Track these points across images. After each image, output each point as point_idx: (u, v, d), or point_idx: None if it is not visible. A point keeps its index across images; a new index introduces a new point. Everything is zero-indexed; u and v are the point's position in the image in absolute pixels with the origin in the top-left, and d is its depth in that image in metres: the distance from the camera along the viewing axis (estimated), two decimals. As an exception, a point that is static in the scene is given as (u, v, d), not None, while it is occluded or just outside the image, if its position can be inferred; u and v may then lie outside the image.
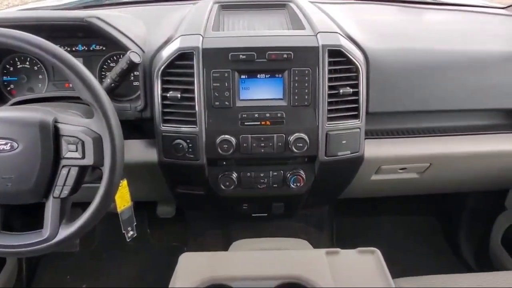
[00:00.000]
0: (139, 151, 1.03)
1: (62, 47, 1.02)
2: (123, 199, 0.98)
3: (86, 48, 1.07)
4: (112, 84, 0.94)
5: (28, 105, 0.91)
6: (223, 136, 0.95)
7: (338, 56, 0.95)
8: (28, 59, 1.08)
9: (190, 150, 0.97)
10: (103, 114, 0.76)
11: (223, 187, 1.03)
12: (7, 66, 1.07)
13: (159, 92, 0.95)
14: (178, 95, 0.93)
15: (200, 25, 1.02)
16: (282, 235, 1.32)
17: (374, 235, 1.67)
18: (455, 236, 1.65)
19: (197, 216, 1.60)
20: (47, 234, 0.80)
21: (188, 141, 0.96)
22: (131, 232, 1.02)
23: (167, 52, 0.95)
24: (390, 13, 1.34)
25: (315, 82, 0.94)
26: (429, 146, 1.08)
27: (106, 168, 0.77)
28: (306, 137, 0.96)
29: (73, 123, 0.79)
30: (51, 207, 0.80)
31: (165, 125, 0.96)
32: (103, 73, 1.08)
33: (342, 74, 0.97)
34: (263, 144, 0.97)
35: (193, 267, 0.76)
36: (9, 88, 1.08)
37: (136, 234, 1.03)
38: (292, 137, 0.96)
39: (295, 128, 0.96)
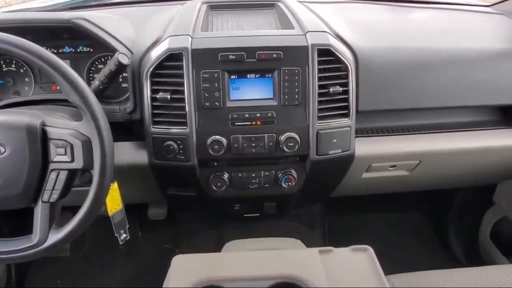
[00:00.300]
0: (129, 153, 1.02)
1: (49, 49, 1.02)
2: (114, 202, 0.97)
3: (73, 50, 1.06)
4: (101, 86, 0.93)
5: (15, 109, 0.89)
6: (214, 137, 0.95)
7: (328, 55, 0.96)
8: (14, 62, 1.06)
9: (181, 152, 0.96)
10: (92, 117, 0.76)
11: (215, 188, 1.03)
12: (-8, 69, 1.06)
13: (149, 94, 0.94)
14: (168, 96, 0.93)
15: (189, 26, 1.01)
16: (275, 235, 1.33)
17: (366, 233, 1.68)
18: (445, 232, 1.67)
19: (189, 218, 1.60)
20: (37, 240, 0.79)
21: (179, 143, 0.95)
22: (124, 235, 1.01)
23: (156, 53, 0.94)
24: (378, 12, 1.35)
25: (305, 82, 0.94)
26: (418, 144, 1.09)
27: (96, 171, 0.77)
28: (297, 137, 0.96)
29: (61, 126, 0.78)
30: (40, 212, 0.78)
31: (155, 127, 0.96)
32: (91, 75, 1.07)
33: (332, 73, 0.97)
34: (254, 144, 0.97)
35: (186, 269, 0.76)
36: (-5, 92, 1.06)
37: (129, 237, 1.02)
38: (283, 137, 0.96)
39: (286, 128, 0.96)
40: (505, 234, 1.49)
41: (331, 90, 0.95)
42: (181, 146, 0.96)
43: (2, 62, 1.05)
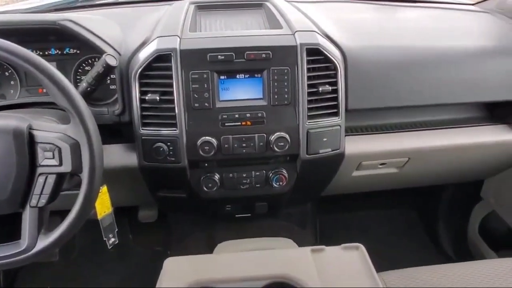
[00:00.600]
0: (119, 156, 1.01)
1: (34, 52, 1.00)
2: (104, 206, 0.96)
3: (60, 52, 1.04)
4: (88, 88, 0.91)
5: (1, 113, 0.88)
6: (204, 138, 0.94)
7: (316, 55, 0.96)
8: (-1, 65, 1.04)
9: (171, 153, 0.95)
10: (80, 119, 0.75)
11: (206, 189, 1.03)
12: (-24, 73, 1.04)
13: (137, 95, 0.93)
14: (157, 98, 0.92)
15: (177, 26, 1.00)
16: (267, 235, 1.33)
17: (357, 231, 1.70)
18: (435, 228, 1.70)
19: (180, 219, 1.59)
20: (25, 245, 0.77)
21: (169, 144, 0.95)
22: (113, 239, 1.00)
23: (144, 54, 0.93)
24: (365, 11, 1.36)
25: (294, 81, 0.95)
26: (407, 141, 1.10)
27: (85, 175, 0.76)
28: (287, 136, 0.96)
29: (49, 130, 0.76)
30: (28, 217, 0.77)
31: (145, 129, 0.95)
32: (78, 77, 1.05)
33: (321, 73, 0.97)
34: (245, 145, 0.96)
35: (178, 272, 0.75)
36: (-21, 95, 1.04)
37: (118, 241, 1.01)
38: (273, 137, 0.96)
39: (276, 128, 0.96)
40: (493, 229, 1.52)
41: (321, 89, 0.96)
42: (171, 148, 0.95)
43: (-14, 65, 1.04)
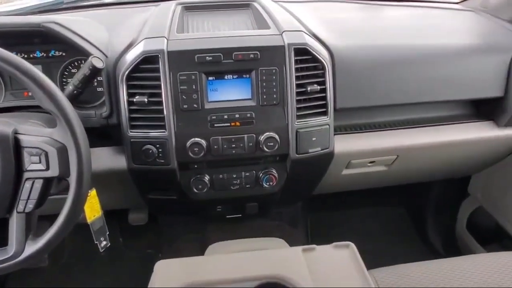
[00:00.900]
0: (107, 159, 1.00)
1: (19, 55, 0.99)
2: (93, 209, 0.95)
3: (45, 55, 1.03)
4: (75, 91, 0.90)
5: (-15, 117, 0.86)
6: (193, 139, 0.94)
7: (304, 54, 0.96)
8: (-18, 68, 1.02)
9: (160, 155, 0.95)
10: (67, 123, 0.74)
11: (196, 191, 1.02)
12: (-41, 77, 1.02)
13: (125, 97, 0.93)
14: (145, 100, 0.91)
15: (164, 27, 1.00)
16: (258, 235, 1.33)
17: (348, 229, 1.71)
18: (424, 224, 1.71)
19: (171, 221, 1.58)
20: (13, 251, 0.76)
21: (158, 146, 0.94)
22: (104, 242, 0.99)
23: (131, 56, 0.93)
24: (351, 11, 1.37)
25: (283, 81, 0.95)
26: (395, 139, 1.12)
27: (73, 179, 0.75)
28: (277, 136, 0.96)
29: (35, 134, 0.75)
30: (16, 223, 0.76)
31: (133, 131, 0.94)
32: (65, 80, 1.04)
33: (309, 72, 0.98)
34: (234, 145, 0.96)
35: (170, 274, 0.75)
36: (-37, 100, 1.02)
37: (110, 244, 1.00)
38: (263, 137, 0.96)
39: (265, 128, 0.96)
40: (481, 224, 1.54)
41: (309, 89, 0.96)
42: (160, 150, 0.94)
43: (-30, 69, 1.02)
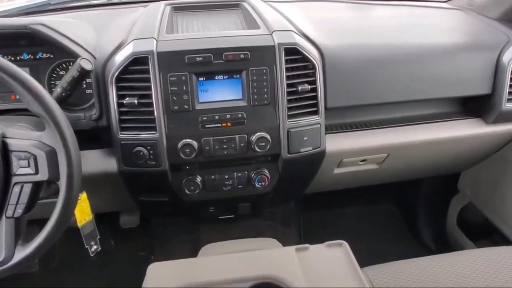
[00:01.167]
0: (98, 162, 0.99)
1: (6, 57, 0.98)
2: (84, 213, 0.94)
3: (32, 57, 1.01)
4: (63, 94, 0.89)
5: (-29, 121, 0.85)
6: (185, 140, 0.93)
7: (294, 54, 0.96)
8: (-33, 71, 1.00)
9: (151, 157, 0.94)
10: (56, 126, 0.73)
11: (188, 192, 1.02)
12: None
13: (115, 99, 0.92)
14: (135, 101, 0.91)
15: (153, 28, 0.99)
16: (251, 235, 1.33)
17: (340, 227, 1.72)
18: (415, 221, 1.73)
19: (163, 223, 1.57)
20: (2, 257, 0.75)
21: (149, 148, 0.94)
22: (95, 247, 0.98)
23: (120, 58, 0.92)
24: (340, 10, 1.37)
25: (274, 81, 0.95)
26: (386, 137, 1.12)
27: (63, 183, 0.74)
28: (268, 136, 0.96)
29: (23, 137, 0.74)
30: (4, 228, 0.75)
31: (124, 133, 0.93)
32: (53, 82, 1.03)
33: (300, 72, 0.98)
34: (226, 146, 0.96)
35: (163, 277, 0.74)
36: None
37: (100, 248, 0.99)
38: (254, 137, 0.96)
39: (257, 128, 0.96)
40: (471, 220, 1.56)
41: (300, 89, 0.96)
42: (151, 152, 0.94)
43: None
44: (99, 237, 0.99)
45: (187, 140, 0.93)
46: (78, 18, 1.11)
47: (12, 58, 1.00)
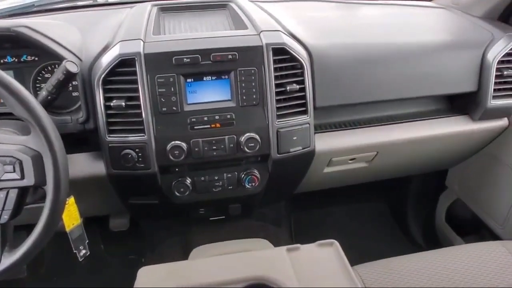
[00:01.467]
0: (85, 165, 0.98)
1: (-12, 60, 0.96)
2: (72, 217, 0.93)
3: (16, 60, 1.00)
4: (49, 97, 0.88)
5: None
6: (174, 142, 0.93)
7: (282, 54, 0.96)
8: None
9: (140, 160, 0.93)
10: (41, 130, 0.71)
11: (178, 194, 1.01)
12: None
13: (102, 102, 0.91)
14: (123, 104, 0.90)
15: (140, 30, 0.98)
16: (242, 236, 1.33)
17: (331, 226, 1.72)
18: (404, 218, 1.75)
19: (153, 226, 1.56)
20: (-11, 264, 0.74)
21: (137, 150, 0.93)
22: (84, 251, 0.97)
23: (107, 60, 0.91)
24: (327, 10, 1.38)
25: (262, 81, 0.95)
26: (375, 135, 1.13)
27: (50, 187, 0.73)
28: (257, 136, 0.96)
29: (8, 142, 0.73)
30: (-9, 235, 0.73)
31: (111, 136, 0.92)
32: (38, 85, 1.01)
33: (288, 72, 0.98)
34: (215, 147, 0.96)
35: (154, 281, 0.74)
36: None
37: (89, 252, 0.98)
38: (244, 138, 0.95)
39: (246, 128, 0.96)
40: (459, 216, 1.58)
41: (288, 88, 0.96)
42: (140, 154, 0.93)
43: None
44: (88, 241, 0.98)
45: (176, 142, 0.93)
46: (63, 20, 1.10)
47: (-5, 61, 0.98)
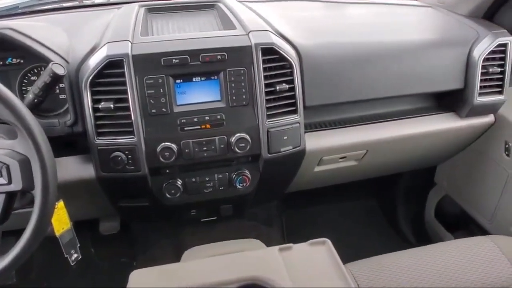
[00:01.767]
0: (74, 168, 0.96)
1: (-28, 64, 0.94)
2: (61, 222, 0.91)
3: (1, 62, 0.98)
4: (35, 100, 0.86)
5: None
6: (164, 144, 0.92)
7: (271, 54, 0.96)
8: None
9: (130, 162, 0.93)
10: (28, 133, 0.70)
11: (169, 196, 1.00)
12: None
13: (90, 104, 0.90)
14: (111, 106, 0.89)
15: (128, 31, 0.97)
16: (234, 237, 1.32)
17: (322, 224, 1.73)
18: (394, 215, 1.76)
19: (144, 228, 1.55)
20: (-24, 271, 0.72)
21: (127, 153, 0.92)
22: (75, 255, 0.96)
23: (94, 61, 0.90)
24: (315, 9, 1.38)
25: (251, 81, 0.95)
26: (365, 134, 1.14)
27: (38, 192, 0.72)
28: (248, 137, 0.96)
29: (-6, 146, 0.72)
30: (-22, 241, 0.72)
31: (100, 138, 0.91)
32: (24, 88, 1.00)
33: (277, 71, 0.98)
34: (205, 148, 0.95)
35: (146, 284, 0.73)
36: None
37: (80, 257, 0.97)
38: (234, 138, 0.95)
39: (236, 129, 0.96)
40: (448, 211, 1.60)
41: (278, 88, 0.96)
42: (130, 156, 0.92)
43: None
44: (79, 245, 0.97)
45: (166, 144, 0.92)
46: (49, 22, 1.08)
47: (-20, 65, 0.96)
